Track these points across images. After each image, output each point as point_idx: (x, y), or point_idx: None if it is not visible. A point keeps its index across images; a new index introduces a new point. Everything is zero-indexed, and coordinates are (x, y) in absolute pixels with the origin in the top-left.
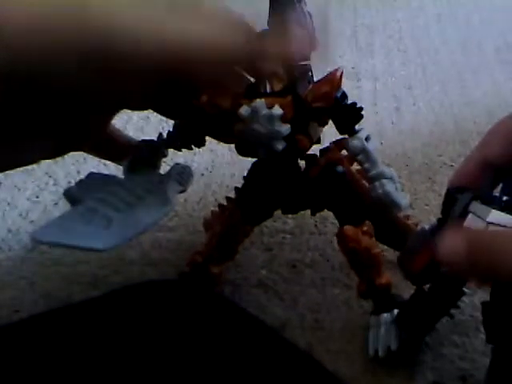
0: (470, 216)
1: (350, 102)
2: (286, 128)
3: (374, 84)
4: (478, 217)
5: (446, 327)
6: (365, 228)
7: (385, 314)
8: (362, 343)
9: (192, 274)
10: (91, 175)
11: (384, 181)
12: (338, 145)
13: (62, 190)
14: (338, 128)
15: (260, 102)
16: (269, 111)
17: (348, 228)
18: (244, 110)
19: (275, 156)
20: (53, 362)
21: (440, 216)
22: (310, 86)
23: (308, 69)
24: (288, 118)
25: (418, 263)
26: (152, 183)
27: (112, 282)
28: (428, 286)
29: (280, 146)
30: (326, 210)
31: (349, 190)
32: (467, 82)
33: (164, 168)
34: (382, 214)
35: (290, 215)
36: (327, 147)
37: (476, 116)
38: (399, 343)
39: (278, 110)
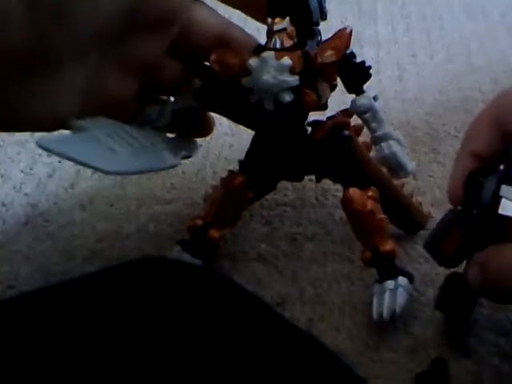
0: (503, 201)
1: (358, 61)
2: (294, 79)
3: (377, 51)
4: None
5: None
6: (370, 193)
7: (389, 281)
8: (363, 318)
9: (192, 241)
10: (100, 118)
11: (391, 142)
12: (345, 114)
13: (56, 162)
14: (346, 86)
15: (269, 53)
16: (277, 61)
17: (354, 190)
18: (253, 60)
19: (282, 109)
20: (48, 339)
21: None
22: (319, 46)
23: (317, 31)
24: (297, 70)
25: (448, 248)
26: (158, 140)
27: (108, 256)
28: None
29: (288, 97)
30: (327, 183)
31: (354, 154)
32: (472, 49)
33: None
34: (386, 187)
35: (290, 187)
36: (334, 115)
37: (481, 84)
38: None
39: (287, 61)
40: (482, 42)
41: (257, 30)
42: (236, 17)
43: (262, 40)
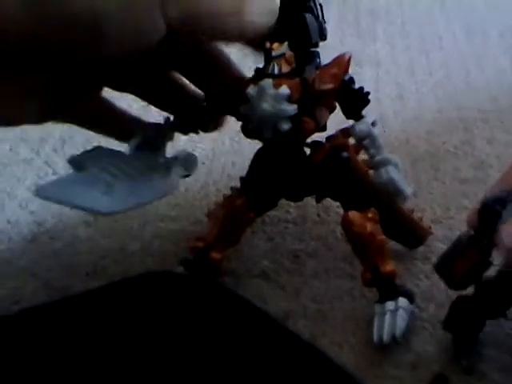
0: None
1: (357, 86)
2: (292, 108)
3: (377, 71)
4: None
5: None
6: (370, 214)
7: (389, 302)
8: (366, 334)
9: (194, 261)
10: (98, 148)
11: (389, 167)
12: (344, 133)
13: None
14: (344, 112)
15: (267, 82)
16: (276, 90)
17: (353, 213)
18: (251, 88)
19: (281, 137)
20: (52, 353)
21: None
22: (318, 71)
23: (316, 54)
24: (295, 98)
25: (458, 270)
26: (157, 163)
27: (112, 273)
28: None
29: (286, 126)
30: (329, 199)
31: (353, 175)
32: (471, 69)
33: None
34: (386, 205)
35: (292, 204)
36: (333, 135)
37: (480, 103)
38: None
39: (285, 90)
40: (481, 62)
41: None
42: None
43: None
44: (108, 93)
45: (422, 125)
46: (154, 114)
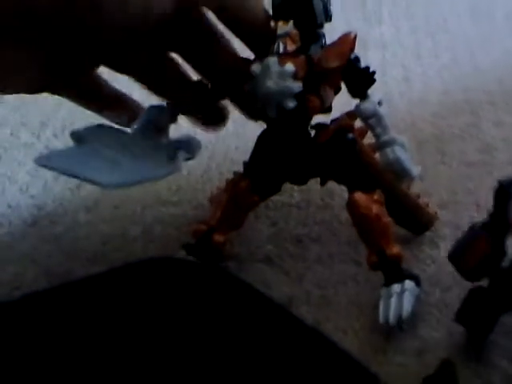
0: None
1: (363, 66)
2: (297, 85)
3: (383, 53)
4: None
5: None
6: (376, 196)
7: (395, 285)
8: (370, 320)
9: (197, 245)
10: (101, 125)
11: (396, 147)
12: (349, 116)
13: None
14: (350, 91)
15: (272, 59)
16: (281, 67)
17: (359, 194)
18: (255, 66)
19: (285, 116)
20: (53, 339)
21: (490, 209)
22: (323, 50)
23: (321, 34)
24: (300, 76)
25: (471, 259)
26: (160, 144)
27: (114, 259)
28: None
29: (291, 104)
30: (333, 184)
31: (359, 157)
32: (477, 51)
33: None
34: (391, 190)
35: (296, 188)
36: (338, 117)
37: (486, 85)
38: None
39: (290, 67)
40: (487, 44)
41: None
42: None
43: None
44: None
45: (428, 107)
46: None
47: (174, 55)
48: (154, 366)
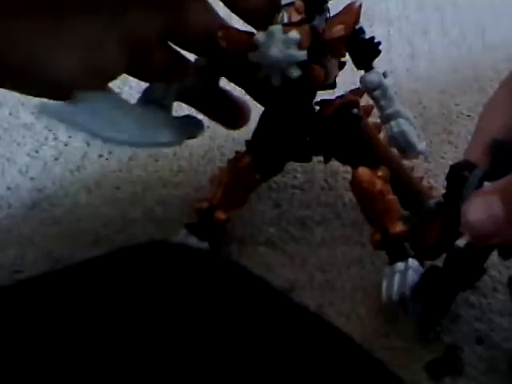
0: None
1: (367, 36)
2: (302, 54)
3: (388, 29)
4: None
5: None
6: (380, 173)
7: (399, 263)
8: (374, 304)
9: (198, 223)
10: (105, 92)
11: (401, 120)
12: (354, 93)
13: (62, 145)
14: (354, 62)
15: (277, 27)
16: (285, 35)
17: (363, 169)
18: (260, 35)
19: (290, 85)
20: (54, 323)
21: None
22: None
23: (326, 7)
24: (305, 45)
25: (427, 239)
26: (163, 118)
27: (115, 241)
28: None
29: (295, 72)
30: (336, 165)
31: (362, 133)
32: (486, 26)
33: None
34: (394, 171)
35: (299, 169)
36: (343, 94)
37: (496, 62)
38: (417, 317)
39: (294, 35)
40: (497, 19)
41: None
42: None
43: None
44: None
45: (435, 85)
46: None
47: None
48: (153, 351)
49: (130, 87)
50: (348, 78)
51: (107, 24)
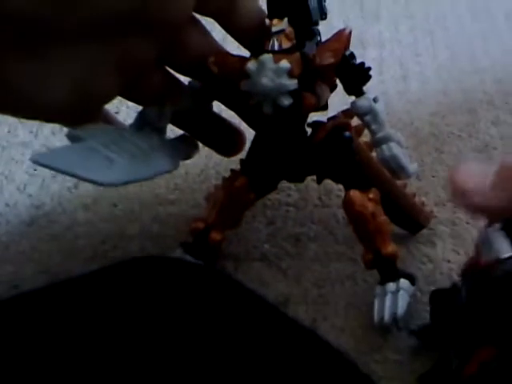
0: None
1: (358, 62)
2: (293, 82)
3: (380, 52)
4: None
5: None
6: (371, 195)
7: (390, 283)
8: (367, 319)
9: (194, 243)
10: (97, 125)
11: (392, 144)
12: (346, 114)
13: None
14: (345, 88)
15: (267, 56)
16: (276, 65)
17: (355, 192)
18: (251, 63)
19: (281, 113)
20: (51, 337)
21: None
22: (318, 47)
23: (317, 31)
24: (295, 73)
25: None
26: (157, 143)
27: (112, 257)
28: None
29: (286, 101)
30: (330, 182)
31: (355, 155)
32: (476, 50)
33: None
34: (387, 189)
35: (293, 187)
36: (335, 115)
37: (485, 85)
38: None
39: (285, 64)
40: (486, 43)
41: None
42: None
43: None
44: None
45: (426, 107)
46: None
47: None
48: (149, 364)
49: (127, 107)
50: (340, 97)
51: (102, 49)
